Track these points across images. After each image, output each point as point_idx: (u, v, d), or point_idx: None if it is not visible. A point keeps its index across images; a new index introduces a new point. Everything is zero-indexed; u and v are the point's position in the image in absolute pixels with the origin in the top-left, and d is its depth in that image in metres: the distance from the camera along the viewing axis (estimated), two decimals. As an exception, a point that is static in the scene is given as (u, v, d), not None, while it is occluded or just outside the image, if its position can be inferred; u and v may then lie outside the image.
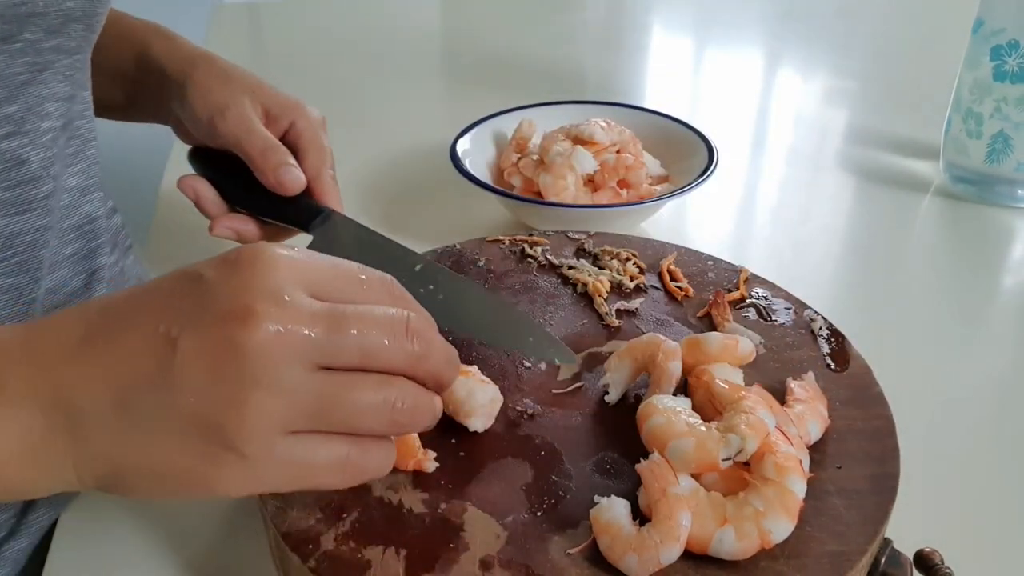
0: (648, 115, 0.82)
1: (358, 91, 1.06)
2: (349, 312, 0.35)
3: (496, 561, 0.39)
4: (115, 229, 0.61)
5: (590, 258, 0.60)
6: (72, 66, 0.51)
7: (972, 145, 0.80)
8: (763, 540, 0.38)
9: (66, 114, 0.52)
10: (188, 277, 0.36)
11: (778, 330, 0.53)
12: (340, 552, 0.39)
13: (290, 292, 0.34)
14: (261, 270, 0.35)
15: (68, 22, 0.48)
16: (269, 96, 0.61)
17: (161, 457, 0.35)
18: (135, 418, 0.34)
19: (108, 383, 0.34)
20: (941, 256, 0.77)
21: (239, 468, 0.34)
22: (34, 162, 0.49)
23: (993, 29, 0.76)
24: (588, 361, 0.51)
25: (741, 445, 0.40)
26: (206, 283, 0.35)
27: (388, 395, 0.35)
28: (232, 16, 1.30)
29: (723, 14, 1.34)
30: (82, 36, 0.51)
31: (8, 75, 0.46)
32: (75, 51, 0.51)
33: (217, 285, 0.35)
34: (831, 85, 1.12)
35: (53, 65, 0.49)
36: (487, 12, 1.35)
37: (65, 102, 0.52)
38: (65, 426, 0.35)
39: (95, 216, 0.57)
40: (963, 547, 0.44)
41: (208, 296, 0.34)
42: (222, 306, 0.34)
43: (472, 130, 0.79)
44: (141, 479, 0.36)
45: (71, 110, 0.53)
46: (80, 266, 0.56)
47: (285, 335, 0.33)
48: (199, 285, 0.35)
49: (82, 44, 0.51)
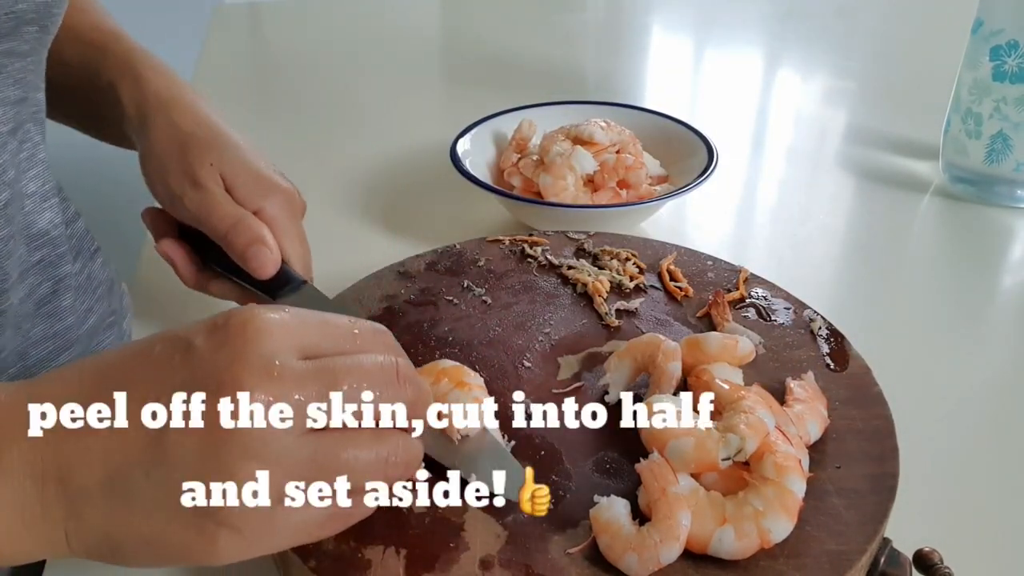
0: (648, 115, 0.82)
1: (358, 91, 1.06)
2: (338, 366, 0.35)
3: (496, 561, 0.39)
4: (79, 234, 0.59)
5: (590, 258, 0.60)
6: (24, 68, 0.49)
7: (971, 145, 0.80)
8: (763, 540, 0.39)
9: (15, 118, 0.50)
10: (178, 346, 0.35)
11: (778, 330, 0.53)
12: (340, 552, 0.39)
13: (281, 358, 0.34)
14: (252, 337, 0.34)
15: (20, 25, 0.46)
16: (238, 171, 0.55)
17: (155, 534, 0.34)
18: (127, 495, 0.34)
19: (101, 461, 0.34)
20: (941, 256, 0.78)
21: (235, 541, 0.34)
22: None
23: (993, 29, 0.76)
24: (588, 361, 0.51)
25: (740, 445, 0.40)
26: (196, 353, 0.34)
27: (381, 451, 0.36)
28: (232, 16, 1.30)
29: (723, 14, 1.34)
30: (36, 38, 0.49)
31: None
32: (28, 54, 0.49)
33: (206, 356, 0.34)
34: (831, 85, 1.12)
35: (4, 69, 0.47)
36: (487, 12, 1.35)
37: (14, 106, 0.50)
38: (59, 500, 0.34)
39: (56, 223, 0.55)
40: (963, 547, 0.44)
41: (200, 370, 0.34)
42: (211, 381, 0.33)
43: (472, 130, 0.79)
44: (138, 552, 0.35)
45: (20, 113, 0.51)
46: (46, 273, 0.55)
47: (274, 405, 0.33)
48: (189, 355, 0.35)
49: (36, 46, 0.49)
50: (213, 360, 0.34)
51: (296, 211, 0.56)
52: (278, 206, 0.55)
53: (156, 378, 0.35)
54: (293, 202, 0.56)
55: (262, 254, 0.52)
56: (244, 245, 0.52)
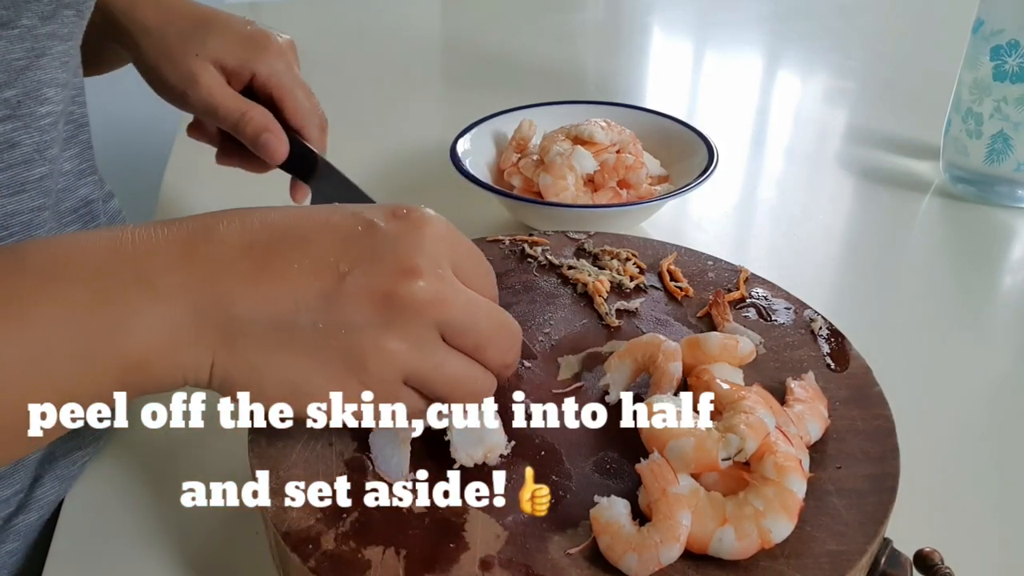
0: (648, 115, 0.82)
1: (358, 91, 1.06)
2: (484, 304, 0.40)
3: (496, 561, 0.39)
4: (112, 212, 0.61)
5: (590, 258, 0.60)
6: (67, 52, 0.51)
7: (972, 145, 0.80)
8: (763, 540, 0.38)
9: (64, 99, 0.53)
10: (361, 221, 0.39)
11: (778, 330, 0.53)
12: (340, 552, 0.39)
13: (445, 263, 0.39)
14: (430, 236, 0.39)
15: (60, 8, 0.48)
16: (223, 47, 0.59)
17: (302, 377, 0.38)
18: (290, 338, 0.37)
19: (272, 301, 0.37)
20: (941, 256, 0.78)
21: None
22: (26, 145, 0.49)
23: (993, 29, 0.76)
24: (588, 361, 0.51)
25: (740, 445, 0.40)
26: (381, 233, 0.38)
27: (481, 388, 0.41)
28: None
29: (723, 14, 1.34)
30: (73, 22, 0.51)
31: (8, 60, 0.47)
32: (68, 37, 0.51)
33: (392, 239, 0.38)
34: (831, 85, 1.12)
35: (50, 51, 0.49)
36: (487, 12, 1.35)
37: (63, 88, 0.52)
38: (215, 330, 0.37)
39: (91, 199, 0.57)
40: (963, 547, 0.44)
41: (383, 246, 0.38)
42: (395, 259, 0.38)
43: (472, 130, 0.79)
44: (279, 390, 0.38)
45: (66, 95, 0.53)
46: None
47: (437, 301, 0.38)
48: (374, 232, 0.38)
49: (74, 30, 0.52)
50: (395, 243, 0.38)
51: (293, 62, 0.60)
52: (274, 63, 0.59)
53: (340, 243, 0.38)
54: (287, 54, 0.60)
55: (271, 143, 0.56)
56: (252, 136, 0.56)
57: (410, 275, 0.37)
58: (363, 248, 0.38)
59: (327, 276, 0.37)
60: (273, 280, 0.37)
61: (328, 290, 0.37)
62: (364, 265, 0.37)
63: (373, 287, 0.37)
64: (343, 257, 0.38)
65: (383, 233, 0.38)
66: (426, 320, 0.38)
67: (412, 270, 0.37)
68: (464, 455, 0.43)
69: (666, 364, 0.46)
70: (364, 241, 0.38)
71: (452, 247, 0.40)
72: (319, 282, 0.37)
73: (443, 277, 0.38)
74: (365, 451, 0.44)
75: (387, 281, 0.37)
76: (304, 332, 0.37)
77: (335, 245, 0.38)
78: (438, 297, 0.38)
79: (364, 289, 0.37)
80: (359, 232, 0.38)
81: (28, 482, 0.52)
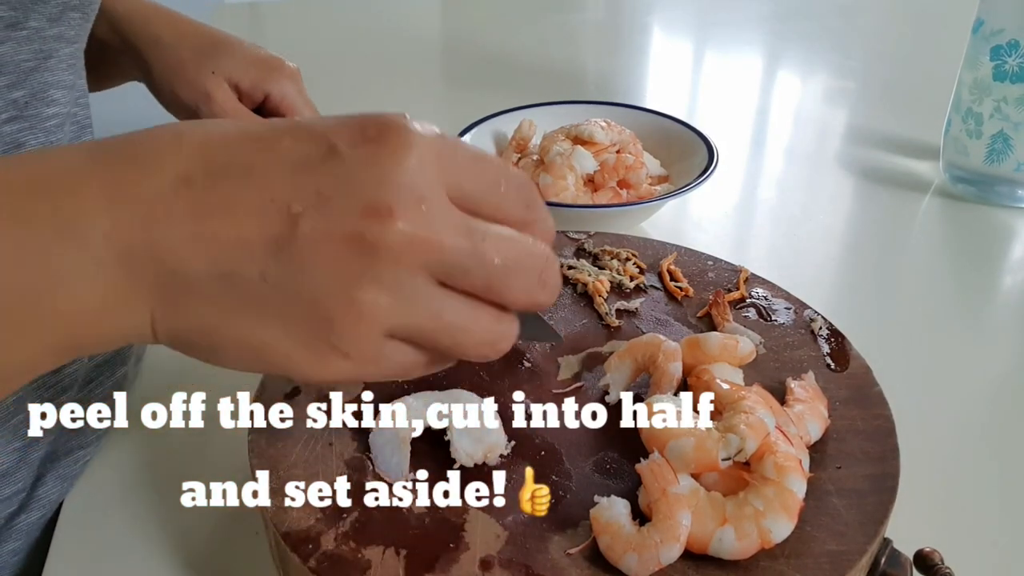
0: (648, 115, 0.82)
1: (359, 91, 1.06)
2: (491, 235, 0.33)
3: (496, 561, 0.39)
4: None
5: (590, 258, 0.60)
6: (74, 55, 0.52)
7: (972, 145, 0.80)
8: (763, 540, 0.38)
9: (70, 102, 0.53)
10: (318, 144, 0.32)
11: (778, 330, 0.53)
12: (340, 552, 0.39)
13: (432, 193, 0.31)
14: (404, 159, 0.31)
15: (66, 10, 0.49)
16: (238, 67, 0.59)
17: (264, 340, 0.32)
18: (239, 292, 0.31)
19: (213, 249, 0.31)
20: (941, 256, 0.78)
21: (340, 364, 0.32)
22: (33, 146, 0.49)
23: (993, 29, 0.76)
24: (588, 361, 0.51)
25: (740, 445, 0.40)
26: (341, 161, 0.31)
27: (495, 337, 0.34)
28: (233, 16, 1.30)
29: (723, 14, 1.34)
30: (79, 25, 0.51)
31: (16, 62, 0.47)
32: (74, 40, 0.51)
33: (355, 169, 0.31)
34: (831, 85, 1.12)
35: (57, 53, 0.50)
36: (487, 12, 1.35)
37: (69, 90, 0.52)
38: (153, 286, 0.31)
39: None
40: (963, 547, 0.44)
41: (344, 182, 0.31)
42: (359, 198, 0.31)
43: (472, 130, 0.79)
44: (239, 354, 0.33)
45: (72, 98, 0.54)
46: None
47: (419, 243, 0.31)
48: (332, 161, 0.31)
49: (80, 33, 0.52)
50: (360, 176, 0.31)
51: (302, 86, 0.59)
52: (285, 86, 0.58)
53: (289, 175, 0.31)
54: (297, 78, 0.59)
55: None
56: None
57: (380, 215, 0.30)
58: (321, 181, 0.31)
59: (275, 218, 0.31)
60: (210, 223, 0.31)
61: (278, 235, 0.31)
62: (322, 203, 0.31)
63: (333, 231, 0.31)
64: (296, 193, 0.31)
65: (345, 164, 0.31)
66: (408, 267, 0.31)
67: (382, 208, 0.30)
68: (464, 455, 0.43)
69: (666, 364, 0.46)
70: (322, 171, 0.31)
71: (442, 165, 0.32)
72: (267, 226, 0.31)
73: (427, 212, 0.31)
74: (365, 451, 0.44)
75: (350, 223, 0.30)
76: (255, 286, 0.31)
77: (285, 177, 0.31)
78: (417, 239, 0.31)
79: (322, 234, 0.31)
80: (316, 159, 0.31)
81: (30, 481, 0.52)
